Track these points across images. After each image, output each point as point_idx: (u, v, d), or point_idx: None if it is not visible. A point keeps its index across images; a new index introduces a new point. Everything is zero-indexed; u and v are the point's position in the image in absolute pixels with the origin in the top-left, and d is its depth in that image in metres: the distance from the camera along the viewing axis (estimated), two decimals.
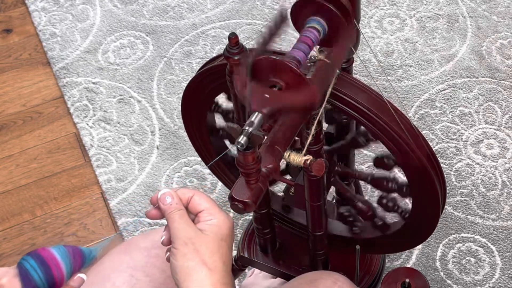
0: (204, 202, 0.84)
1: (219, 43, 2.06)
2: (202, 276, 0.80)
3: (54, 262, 0.78)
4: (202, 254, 0.80)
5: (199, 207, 0.84)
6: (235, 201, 0.90)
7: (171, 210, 0.83)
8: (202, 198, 0.85)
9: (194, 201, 0.84)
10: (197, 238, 0.81)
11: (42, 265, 0.78)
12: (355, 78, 1.04)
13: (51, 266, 0.78)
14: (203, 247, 0.81)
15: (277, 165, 0.93)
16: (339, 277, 1.10)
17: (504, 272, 1.57)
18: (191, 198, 0.84)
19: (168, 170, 1.79)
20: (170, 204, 0.83)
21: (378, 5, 2.13)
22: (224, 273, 0.82)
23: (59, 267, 0.78)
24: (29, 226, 1.74)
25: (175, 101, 1.93)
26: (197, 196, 0.85)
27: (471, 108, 1.85)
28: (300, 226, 1.35)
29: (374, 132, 1.04)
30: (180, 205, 0.83)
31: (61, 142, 1.90)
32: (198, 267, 0.80)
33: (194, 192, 0.85)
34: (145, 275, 1.08)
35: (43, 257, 0.78)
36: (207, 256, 0.81)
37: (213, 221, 0.83)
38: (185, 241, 0.81)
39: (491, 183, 1.70)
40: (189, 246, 0.80)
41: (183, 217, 0.82)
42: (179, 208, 0.83)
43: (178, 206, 0.83)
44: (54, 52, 2.09)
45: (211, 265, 0.81)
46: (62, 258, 0.79)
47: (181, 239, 0.81)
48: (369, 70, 1.96)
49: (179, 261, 0.80)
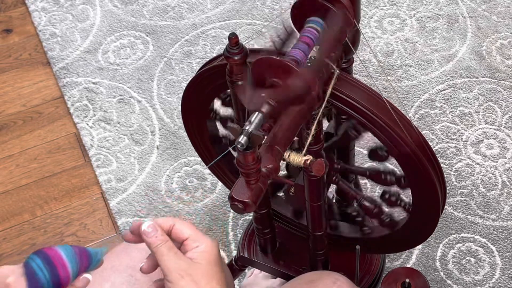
0: (187, 229, 0.82)
1: (219, 43, 2.06)
2: None
3: (60, 262, 0.78)
4: (200, 284, 0.79)
5: (183, 235, 0.82)
6: (235, 201, 0.90)
7: (157, 244, 0.80)
8: (183, 225, 0.83)
9: (177, 230, 0.82)
10: (191, 269, 0.80)
11: (48, 265, 0.77)
12: (355, 78, 1.04)
13: (57, 266, 0.77)
14: (199, 277, 0.79)
15: (277, 165, 0.93)
16: (339, 277, 1.10)
17: (504, 272, 1.57)
18: (173, 227, 0.83)
19: (168, 170, 1.79)
20: (156, 237, 0.81)
21: (378, 5, 2.13)
22: None
23: (65, 267, 0.78)
24: (29, 226, 1.74)
25: (175, 101, 1.93)
26: (178, 225, 0.82)
27: (471, 108, 1.85)
28: (300, 226, 1.35)
29: (374, 132, 1.04)
30: (165, 237, 0.81)
31: (61, 142, 1.90)
32: None
33: (174, 220, 0.83)
34: (145, 276, 1.08)
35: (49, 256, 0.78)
36: (205, 285, 0.79)
37: (201, 248, 0.81)
38: (180, 274, 0.79)
39: (491, 183, 1.70)
40: (186, 278, 0.79)
41: (172, 249, 0.80)
42: (165, 240, 0.81)
43: (163, 238, 0.81)
44: (54, 52, 2.09)
45: None
46: (68, 258, 0.79)
47: (175, 272, 0.79)
48: (369, 70, 1.96)
49: None
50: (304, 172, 1.10)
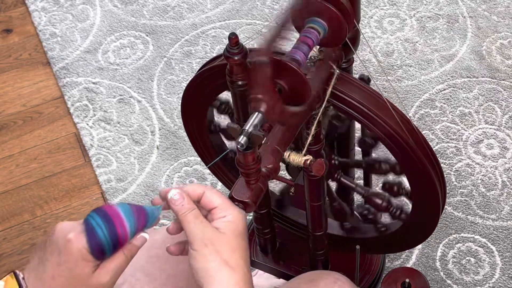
0: (217, 198, 0.82)
1: (219, 43, 2.06)
2: (225, 277, 0.79)
3: (119, 220, 0.78)
4: (223, 254, 0.79)
5: (212, 203, 0.82)
6: (235, 201, 0.90)
7: (184, 211, 0.80)
8: (214, 194, 0.83)
9: (206, 198, 0.82)
10: (216, 238, 0.80)
11: (107, 223, 0.77)
12: (355, 78, 1.04)
13: (116, 224, 0.78)
14: (223, 246, 0.79)
15: (277, 165, 0.93)
16: (339, 276, 1.10)
17: (504, 272, 1.57)
18: (203, 195, 0.82)
19: (168, 170, 1.79)
20: (182, 205, 0.81)
21: (378, 5, 2.13)
22: (246, 270, 0.81)
23: (124, 225, 0.78)
24: (29, 226, 1.74)
25: (175, 101, 1.93)
26: (208, 192, 0.82)
27: (471, 108, 1.85)
28: (300, 226, 1.35)
29: (374, 131, 1.04)
30: (192, 205, 0.81)
31: (61, 142, 1.90)
32: (220, 267, 0.79)
33: (205, 188, 0.83)
34: (145, 275, 1.08)
35: (109, 214, 0.78)
36: (228, 255, 0.79)
37: (228, 218, 0.81)
38: (204, 242, 0.79)
39: (491, 183, 1.70)
40: (209, 247, 0.79)
41: (198, 217, 0.80)
42: (192, 208, 0.81)
43: (190, 206, 0.81)
44: (54, 52, 2.09)
45: (233, 264, 0.80)
46: (127, 216, 0.79)
47: (200, 240, 0.79)
48: (369, 70, 1.96)
49: (200, 263, 0.79)
50: (304, 172, 1.10)
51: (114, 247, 0.78)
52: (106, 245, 0.77)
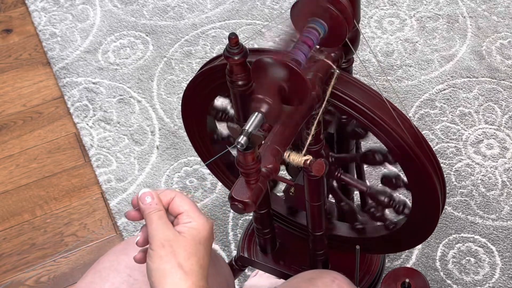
0: (185, 205, 0.83)
1: (219, 43, 2.06)
2: (177, 280, 0.79)
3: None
4: (179, 257, 0.79)
5: (179, 209, 0.83)
6: (235, 201, 0.90)
7: (150, 211, 0.81)
8: (183, 200, 0.83)
9: (175, 203, 0.83)
10: (174, 240, 0.80)
11: None
12: (355, 78, 1.04)
13: None
14: (180, 249, 0.80)
15: (277, 165, 0.93)
16: (337, 275, 1.10)
17: (504, 272, 1.57)
18: (172, 200, 0.83)
19: (168, 170, 1.79)
20: (150, 204, 0.82)
21: (378, 5, 2.13)
22: (200, 276, 0.80)
23: None
24: (29, 226, 1.74)
25: (175, 101, 1.93)
26: (178, 198, 0.83)
27: (471, 108, 1.85)
28: (300, 226, 1.35)
29: (374, 131, 1.04)
30: (159, 206, 0.82)
31: (61, 142, 1.90)
32: (173, 270, 0.79)
33: (176, 194, 0.84)
34: (144, 275, 1.08)
35: None
36: (184, 259, 0.79)
37: (192, 224, 0.82)
38: (162, 242, 0.79)
39: (491, 183, 1.70)
40: (166, 248, 0.79)
41: (161, 218, 0.81)
42: (159, 209, 0.82)
43: (157, 207, 0.82)
44: (54, 52, 2.09)
45: (187, 268, 0.79)
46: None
47: (159, 241, 0.80)
48: (369, 70, 1.96)
49: (155, 263, 0.79)
50: (304, 172, 1.10)
51: None
52: None
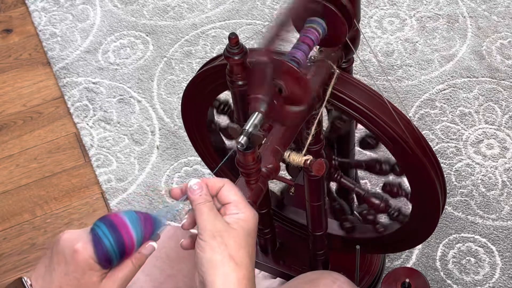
0: (233, 195, 0.83)
1: (219, 43, 2.06)
2: (228, 271, 0.79)
3: (125, 229, 0.79)
4: (230, 249, 0.79)
5: (227, 198, 0.83)
6: None
7: (200, 202, 0.81)
8: (232, 190, 0.83)
9: (223, 192, 0.83)
10: (225, 232, 0.80)
11: (113, 232, 0.78)
12: (355, 78, 1.04)
13: (122, 234, 0.78)
14: (231, 241, 0.80)
15: (277, 165, 0.93)
16: (338, 276, 1.10)
17: (504, 272, 1.57)
18: (221, 189, 0.83)
19: (168, 170, 1.79)
20: (199, 195, 0.81)
21: (378, 5, 2.13)
22: (250, 268, 0.81)
23: (130, 234, 0.79)
24: (29, 226, 1.74)
25: (175, 101, 1.93)
26: (227, 187, 0.83)
27: (471, 108, 1.85)
28: (300, 226, 1.35)
29: (374, 132, 1.04)
30: (209, 197, 0.82)
31: (61, 142, 1.90)
32: (225, 261, 0.79)
33: (225, 183, 0.84)
34: (145, 274, 1.08)
35: (115, 223, 0.78)
36: (235, 250, 0.80)
37: (240, 215, 0.82)
38: (214, 234, 0.80)
39: (491, 183, 1.70)
40: (218, 239, 0.79)
41: (212, 210, 0.81)
42: (208, 200, 0.81)
43: (207, 198, 0.82)
44: (54, 52, 2.09)
45: (238, 260, 0.80)
46: (133, 225, 0.79)
47: (210, 232, 0.80)
48: (369, 70, 1.96)
49: (207, 253, 0.79)
50: (304, 172, 1.10)
51: (121, 256, 0.79)
52: (113, 254, 0.78)
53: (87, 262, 0.77)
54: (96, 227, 0.78)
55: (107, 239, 0.77)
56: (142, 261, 0.81)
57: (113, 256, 0.78)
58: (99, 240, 0.77)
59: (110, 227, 0.78)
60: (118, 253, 0.78)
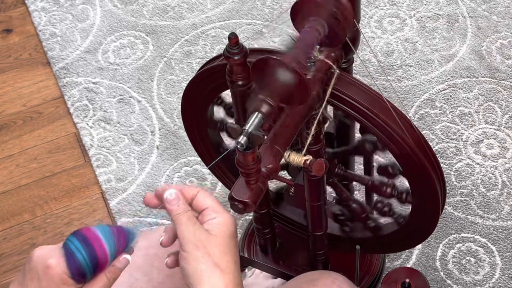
0: (208, 200, 0.83)
1: (219, 43, 2.06)
2: (215, 280, 0.79)
3: (98, 243, 0.78)
4: (214, 256, 0.80)
5: (203, 204, 0.83)
6: (235, 201, 0.90)
7: (178, 212, 0.81)
8: (206, 196, 0.83)
9: (198, 199, 0.83)
10: (207, 240, 0.80)
11: (86, 247, 0.78)
12: (355, 78, 1.04)
13: (95, 247, 0.78)
14: (215, 249, 0.80)
15: (277, 165, 0.93)
16: (338, 276, 1.10)
17: (504, 272, 1.57)
18: (196, 196, 0.83)
19: (168, 170, 1.79)
20: (177, 205, 0.81)
21: (378, 5, 2.13)
22: (236, 273, 0.81)
23: (103, 248, 0.79)
24: (29, 226, 1.74)
25: (175, 101, 1.93)
26: (201, 194, 0.83)
27: (471, 108, 1.85)
28: (300, 226, 1.35)
29: (374, 132, 1.04)
30: (187, 206, 0.82)
31: (61, 142, 1.90)
32: (210, 270, 0.79)
33: (199, 190, 0.84)
34: (144, 274, 1.08)
35: (87, 238, 0.78)
36: (219, 258, 0.80)
37: (218, 220, 0.82)
38: (196, 244, 0.79)
39: (491, 183, 1.70)
40: (201, 249, 0.79)
41: (191, 219, 0.81)
42: (186, 210, 0.81)
43: (185, 207, 0.81)
44: (54, 52, 2.09)
45: (223, 266, 0.80)
46: (106, 239, 0.79)
47: (192, 243, 0.80)
48: (369, 70, 1.96)
49: (192, 265, 0.79)
50: (304, 172, 1.10)
51: (95, 270, 0.79)
52: (86, 268, 0.78)
53: (60, 277, 0.77)
54: (69, 242, 0.78)
55: (80, 253, 0.77)
56: (116, 274, 0.81)
57: (87, 270, 0.78)
58: (72, 254, 0.77)
59: (83, 241, 0.78)
60: (92, 267, 0.78)
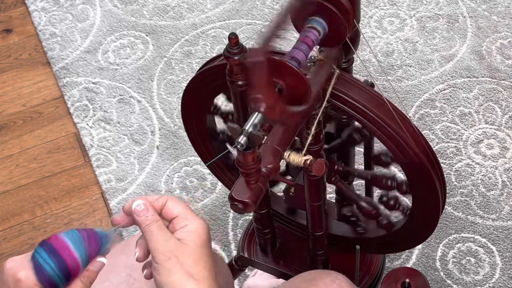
0: (178, 207, 0.81)
1: (219, 43, 2.06)
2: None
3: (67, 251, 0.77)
4: (187, 266, 0.78)
5: (174, 212, 0.81)
6: (235, 201, 0.90)
7: (148, 223, 0.79)
8: (175, 203, 0.81)
9: (168, 207, 0.81)
10: (178, 250, 0.78)
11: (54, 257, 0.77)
12: (355, 78, 1.04)
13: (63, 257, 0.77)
14: (186, 258, 0.78)
15: (277, 165, 0.93)
16: (338, 275, 1.10)
17: (504, 272, 1.57)
18: (165, 204, 0.81)
19: (168, 170, 1.79)
20: (146, 216, 0.79)
21: (378, 5, 2.13)
22: (211, 281, 0.80)
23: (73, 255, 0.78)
24: (29, 226, 1.74)
25: (175, 101, 1.93)
26: (170, 202, 0.81)
27: (471, 108, 1.85)
28: (300, 226, 1.35)
29: (374, 132, 1.04)
30: (156, 216, 0.80)
31: (61, 142, 1.90)
32: (184, 280, 0.78)
33: (168, 198, 0.82)
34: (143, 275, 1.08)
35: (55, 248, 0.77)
36: (192, 267, 0.78)
37: (189, 227, 0.80)
38: (167, 255, 0.78)
39: (491, 183, 1.70)
40: (172, 260, 0.78)
41: (161, 229, 0.79)
42: (156, 220, 0.79)
43: (154, 218, 0.80)
44: (54, 52, 2.09)
45: (197, 275, 0.78)
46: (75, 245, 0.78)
47: (162, 254, 0.78)
48: (369, 70, 1.96)
49: (164, 276, 0.78)
50: (304, 172, 1.10)
51: (67, 278, 0.78)
52: (57, 279, 0.77)
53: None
54: (36, 254, 0.77)
55: (48, 266, 0.76)
56: (92, 278, 0.79)
57: (58, 281, 0.77)
58: (40, 267, 0.76)
59: (50, 252, 0.77)
60: (63, 276, 0.77)
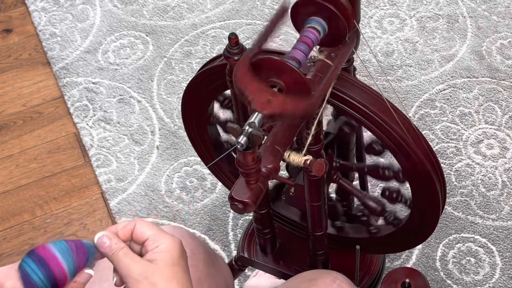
0: (147, 230, 0.81)
1: (219, 43, 2.06)
2: None
3: (55, 262, 0.77)
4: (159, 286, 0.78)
5: (143, 235, 0.81)
6: (235, 201, 0.90)
7: (113, 252, 0.79)
8: (144, 226, 0.81)
9: (137, 231, 0.81)
10: (148, 271, 0.78)
11: (42, 267, 0.76)
12: (355, 78, 1.04)
13: (51, 267, 0.77)
14: (157, 278, 0.78)
15: (277, 165, 0.93)
16: (338, 275, 1.10)
17: (504, 272, 1.57)
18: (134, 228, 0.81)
19: (168, 170, 1.79)
20: (110, 246, 0.79)
21: (378, 5, 2.13)
22: None
23: (61, 266, 0.77)
24: (29, 226, 1.74)
25: (175, 101, 1.93)
26: (138, 225, 0.81)
27: (471, 108, 1.85)
28: (300, 226, 1.35)
29: (374, 132, 1.04)
30: (120, 243, 0.80)
31: (61, 142, 1.90)
32: None
33: (135, 222, 0.82)
34: None
35: (43, 258, 0.77)
36: (164, 286, 0.78)
37: (160, 248, 0.80)
38: (136, 278, 0.78)
39: (491, 183, 1.70)
40: (143, 282, 0.77)
41: (127, 255, 0.79)
42: (120, 247, 0.80)
43: (118, 246, 0.80)
44: (54, 52, 2.09)
45: None
46: (63, 256, 0.78)
47: (132, 278, 0.78)
48: (369, 70, 1.96)
49: None
50: (304, 172, 1.10)
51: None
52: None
53: None
54: (24, 264, 0.77)
55: (36, 276, 0.76)
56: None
57: None
58: (28, 276, 0.76)
59: (38, 262, 0.76)
60: (50, 287, 0.77)
